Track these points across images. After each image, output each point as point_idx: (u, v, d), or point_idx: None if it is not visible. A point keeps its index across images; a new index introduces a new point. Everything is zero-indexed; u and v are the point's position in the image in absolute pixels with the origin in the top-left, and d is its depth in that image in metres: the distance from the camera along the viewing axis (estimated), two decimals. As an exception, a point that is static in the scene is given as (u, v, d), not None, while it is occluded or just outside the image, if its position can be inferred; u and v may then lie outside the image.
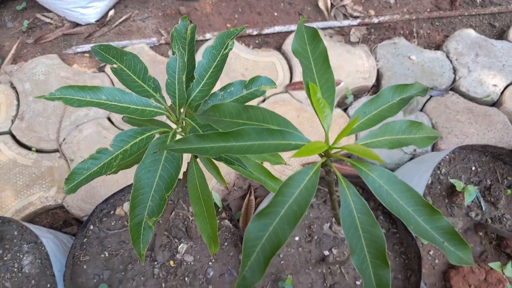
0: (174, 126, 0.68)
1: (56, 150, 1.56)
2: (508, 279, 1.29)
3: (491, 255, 1.31)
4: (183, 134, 0.65)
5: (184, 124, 0.66)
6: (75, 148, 1.54)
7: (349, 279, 1.23)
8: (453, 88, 1.82)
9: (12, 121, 1.59)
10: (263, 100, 1.73)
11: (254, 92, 0.66)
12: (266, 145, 0.45)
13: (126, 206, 1.23)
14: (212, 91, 0.66)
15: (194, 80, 0.65)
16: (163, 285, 1.17)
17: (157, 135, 0.63)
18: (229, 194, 1.59)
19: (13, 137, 1.57)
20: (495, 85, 1.76)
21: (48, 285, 1.16)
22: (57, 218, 1.51)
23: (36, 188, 1.48)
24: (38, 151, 1.56)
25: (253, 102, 1.70)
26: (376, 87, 1.86)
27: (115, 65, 0.65)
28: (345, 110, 1.78)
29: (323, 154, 0.49)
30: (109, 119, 1.64)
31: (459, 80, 1.79)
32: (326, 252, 1.24)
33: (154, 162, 0.59)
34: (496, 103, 1.77)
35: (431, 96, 1.80)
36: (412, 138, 0.49)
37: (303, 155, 0.43)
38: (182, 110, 0.65)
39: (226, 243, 1.23)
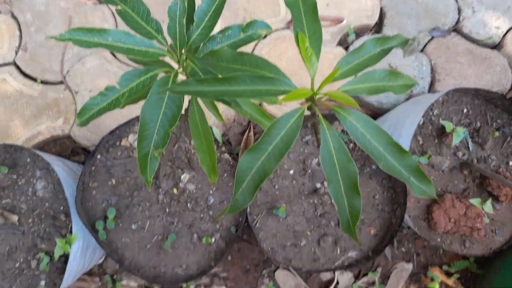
0: (175, 66, 0.74)
1: (61, 82, 1.62)
2: (487, 214, 1.41)
3: (473, 192, 1.42)
4: (184, 74, 0.71)
5: (185, 65, 0.71)
6: (78, 81, 1.60)
7: (338, 210, 1.35)
8: (456, 29, 1.82)
9: (16, 52, 1.63)
10: (265, 36, 1.75)
11: (251, 35, 0.71)
12: (258, 90, 0.51)
13: (131, 137, 1.32)
14: (212, 34, 0.71)
15: (193, 23, 0.69)
16: (167, 210, 1.29)
17: (161, 74, 0.69)
18: (229, 129, 1.67)
19: (18, 68, 1.62)
20: (497, 27, 1.76)
21: (61, 207, 1.29)
22: (64, 147, 1.61)
23: (43, 118, 1.56)
24: (43, 82, 1.62)
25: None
26: (378, 26, 1.86)
27: (119, 7, 0.69)
28: (346, 48, 1.80)
29: (308, 99, 0.55)
30: (112, 53, 1.68)
31: (463, 21, 1.79)
32: (318, 185, 1.34)
33: (158, 101, 0.66)
34: (497, 46, 1.78)
35: (432, 37, 1.81)
36: (390, 85, 0.55)
37: (290, 100, 0.49)
38: (183, 51, 0.70)
39: (225, 175, 1.33)
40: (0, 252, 1.26)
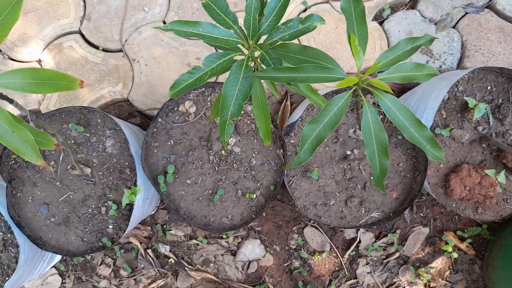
0: (245, 51, 0.95)
1: (120, 50, 1.85)
2: (500, 184, 1.60)
3: (489, 164, 1.61)
4: (254, 58, 0.92)
5: (252, 51, 0.92)
6: (136, 49, 1.82)
7: (365, 174, 1.57)
8: (489, 5, 1.94)
9: (81, 22, 1.86)
10: (305, 10, 1.92)
11: (308, 26, 0.91)
12: (319, 77, 0.72)
13: (187, 104, 1.55)
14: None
15: (263, 17, 0.90)
16: (216, 168, 1.54)
17: (238, 58, 0.90)
18: (268, 98, 1.88)
19: (83, 36, 1.85)
20: (529, 7, 1.88)
21: (126, 163, 1.54)
22: (123, 110, 1.86)
23: (105, 83, 1.80)
24: (104, 50, 1.85)
25: (295, 13, 1.89)
26: (413, 1, 2.00)
27: (203, 1, 0.90)
28: (381, 23, 1.95)
29: (354, 84, 0.75)
30: (164, 22, 1.89)
31: (496, -2, 1.90)
32: (348, 152, 1.56)
33: (235, 80, 0.87)
34: (527, 25, 1.89)
35: (466, 13, 1.93)
36: (416, 75, 0.74)
37: (343, 86, 0.70)
38: (252, 40, 0.91)
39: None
40: (76, 199, 1.53)
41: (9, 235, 1.54)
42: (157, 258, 1.87)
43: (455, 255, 1.88)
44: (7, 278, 1.51)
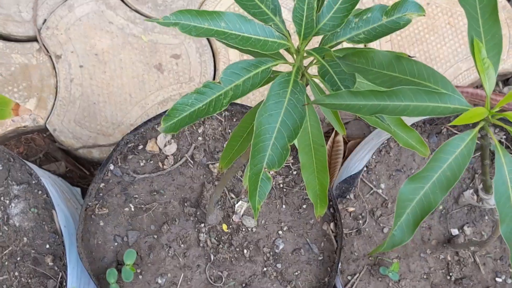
0: (291, 59, 1.12)
1: (34, 39, 2.03)
2: None
3: None
4: (301, 71, 1.09)
5: (301, 58, 1.09)
6: (62, 38, 2.01)
7: (486, 273, 1.73)
8: None
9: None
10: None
11: (397, 20, 1.08)
12: (423, 107, 0.88)
13: (161, 139, 1.72)
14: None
15: (324, 4, 1.08)
16: (212, 257, 1.70)
17: (280, 68, 1.08)
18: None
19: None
20: None
21: (48, 246, 1.69)
22: (34, 148, 2.02)
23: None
24: (4, 38, 2.03)
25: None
26: None
27: (224, -24, 1.09)
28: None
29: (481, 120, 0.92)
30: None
31: None
32: (455, 231, 1.72)
33: (276, 105, 1.04)
34: None
35: None
36: None
37: (463, 123, 0.87)
38: (304, 42, 1.09)
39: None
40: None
41: None
42: None
43: None
44: None
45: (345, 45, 1.14)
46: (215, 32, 1.04)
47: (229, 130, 1.77)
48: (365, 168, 1.75)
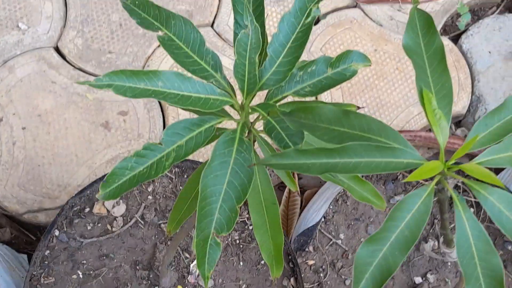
0: (236, 115, 1.07)
1: (-27, 103, 1.96)
2: None
3: None
4: (247, 127, 1.05)
5: (248, 117, 1.05)
6: (3, 100, 1.95)
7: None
8: None
9: None
10: (318, 21, 2.10)
11: (342, 71, 1.04)
12: (375, 163, 0.83)
13: (110, 201, 1.65)
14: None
15: (267, 58, 1.03)
16: (168, 322, 1.62)
17: (225, 125, 1.03)
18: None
19: None
20: None
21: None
22: (-26, 215, 1.94)
23: None
24: None
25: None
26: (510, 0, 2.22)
27: (161, 33, 1.04)
28: (456, 39, 2.15)
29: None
30: (58, 50, 2.03)
31: None
32: (418, 279, 1.68)
33: (221, 166, 0.99)
34: None
35: None
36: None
37: (417, 179, 0.82)
38: (247, 98, 1.04)
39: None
40: None
41: None
42: None
43: None
44: None
45: (292, 98, 1.11)
46: (152, 92, 0.99)
47: (180, 187, 1.71)
48: (323, 219, 1.71)
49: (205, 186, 0.98)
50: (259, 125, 1.07)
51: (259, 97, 1.09)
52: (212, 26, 2.12)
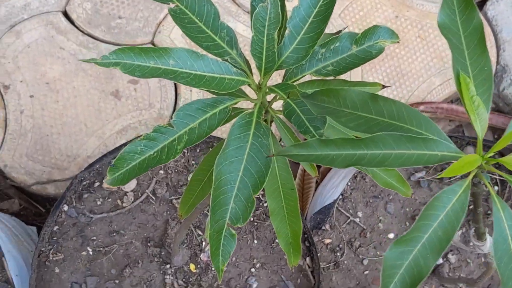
0: (253, 95, 1.00)
1: (-21, 70, 1.89)
2: None
3: None
4: (264, 109, 0.97)
5: (265, 97, 0.97)
6: (10, 66, 1.88)
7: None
8: None
9: None
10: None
11: (368, 49, 0.97)
12: (406, 155, 0.75)
13: (119, 176, 1.59)
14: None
15: (286, 34, 0.95)
16: (179, 300, 1.56)
17: (241, 105, 0.95)
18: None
19: None
20: None
21: (-1, 297, 1.56)
22: (-18, 186, 1.89)
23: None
24: None
25: None
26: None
27: (172, 5, 0.96)
28: (480, 5, 2.06)
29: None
30: (66, 14, 1.95)
31: None
32: (439, 260, 1.60)
33: (237, 151, 0.92)
34: None
35: None
36: None
37: (453, 174, 0.74)
38: (265, 77, 0.96)
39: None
40: None
41: None
42: None
43: None
44: None
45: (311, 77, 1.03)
46: (162, 72, 0.92)
47: (193, 162, 1.65)
48: (340, 196, 1.63)
49: (220, 173, 0.92)
50: (277, 105, 1.01)
51: (278, 76, 1.02)
52: (226, -10, 2.04)
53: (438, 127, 0.81)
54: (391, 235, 1.64)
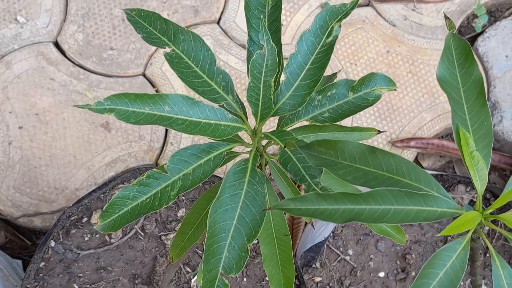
0: (248, 140, 0.98)
1: (-33, 100, 1.87)
2: None
3: None
4: (264, 154, 0.96)
5: (260, 142, 0.96)
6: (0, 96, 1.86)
7: None
8: None
9: None
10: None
11: (364, 96, 0.96)
12: (405, 211, 0.74)
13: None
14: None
15: (282, 81, 0.94)
16: None
17: (237, 150, 0.94)
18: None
19: None
20: None
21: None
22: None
23: None
24: None
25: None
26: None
27: (168, 49, 0.94)
28: (471, 41, 2.06)
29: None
30: (57, 45, 1.94)
31: None
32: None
33: (231, 198, 0.90)
34: None
35: None
36: None
37: (453, 232, 0.73)
38: (260, 123, 0.95)
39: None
40: None
41: None
42: None
43: None
44: None
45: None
46: (157, 118, 0.91)
47: (183, 197, 1.63)
48: (331, 235, 1.62)
49: (214, 221, 0.92)
50: (272, 148, 1.00)
51: (273, 119, 1.01)
52: (218, 23, 2.02)
53: (438, 183, 0.80)
54: (382, 274, 1.62)
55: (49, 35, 1.95)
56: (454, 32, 0.83)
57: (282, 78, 0.97)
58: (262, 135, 0.96)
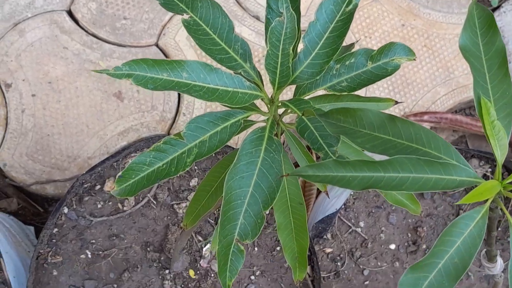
0: (265, 108, 0.98)
1: (-19, 67, 1.87)
2: None
3: None
4: (276, 124, 0.96)
5: (277, 110, 0.96)
6: (13, 65, 1.86)
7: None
8: None
9: None
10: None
11: (383, 66, 0.95)
12: (423, 180, 0.74)
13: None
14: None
15: (301, 49, 0.93)
16: (178, 306, 1.55)
17: (253, 118, 0.93)
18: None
19: None
20: None
21: (-4, 300, 1.54)
22: (-18, 185, 1.86)
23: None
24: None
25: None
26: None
27: (186, 16, 0.94)
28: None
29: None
30: (70, 14, 1.93)
31: None
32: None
33: (248, 166, 0.90)
34: None
35: None
36: None
37: (472, 201, 0.73)
38: (277, 92, 0.95)
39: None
40: None
41: None
42: None
43: None
44: None
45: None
46: (175, 84, 0.90)
47: (195, 167, 1.63)
48: (343, 206, 1.62)
49: (230, 188, 0.91)
50: (288, 118, 1.00)
51: (289, 88, 1.01)
52: (232, -7, 2.02)
53: (457, 152, 0.79)
54: (393, 246, 1.62)
55: (62, 4, 1.95)
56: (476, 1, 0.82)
57: (300, 47, 0.96)
58: (279, 104, 0.96)
